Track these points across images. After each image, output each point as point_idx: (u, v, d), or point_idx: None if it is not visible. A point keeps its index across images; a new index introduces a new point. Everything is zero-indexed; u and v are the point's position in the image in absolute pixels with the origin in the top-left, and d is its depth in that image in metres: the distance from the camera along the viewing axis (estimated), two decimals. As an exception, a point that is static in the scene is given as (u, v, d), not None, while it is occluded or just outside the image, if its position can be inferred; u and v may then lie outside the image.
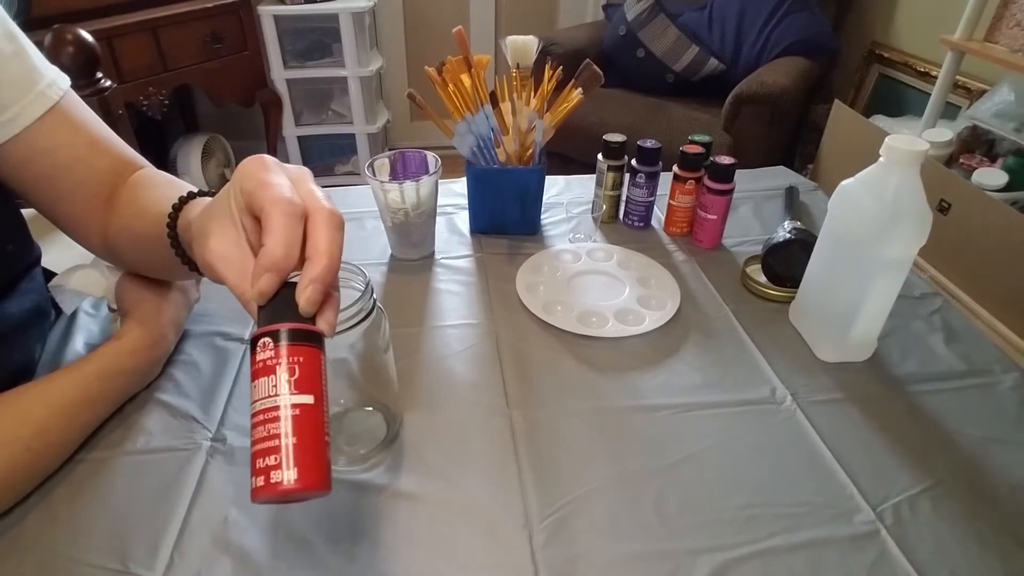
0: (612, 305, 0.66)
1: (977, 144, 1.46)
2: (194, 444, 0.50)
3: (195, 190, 0.48)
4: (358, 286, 0.44)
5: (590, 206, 0.84)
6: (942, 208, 1.14)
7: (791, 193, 0.85)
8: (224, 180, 2.31)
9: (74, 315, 0.62)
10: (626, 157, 0.78)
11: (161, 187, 0.52)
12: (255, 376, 0.31)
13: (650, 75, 2.01)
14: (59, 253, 1.01)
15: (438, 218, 0.76)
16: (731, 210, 0.75)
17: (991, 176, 1.33)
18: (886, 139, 0.50)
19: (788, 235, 0.67)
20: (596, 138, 0.80)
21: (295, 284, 0.33)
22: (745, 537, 0.43)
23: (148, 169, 0.56)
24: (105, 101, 1.04)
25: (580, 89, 0.73)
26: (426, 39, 2.53)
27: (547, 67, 0.75)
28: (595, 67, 0.73)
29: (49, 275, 0.68)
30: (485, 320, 0.65)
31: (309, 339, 0.32)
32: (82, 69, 1.02)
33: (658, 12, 1.99)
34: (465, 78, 0.70)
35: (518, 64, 0.72)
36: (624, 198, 0.81)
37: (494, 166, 0.75)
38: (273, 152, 2.40)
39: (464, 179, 0.78)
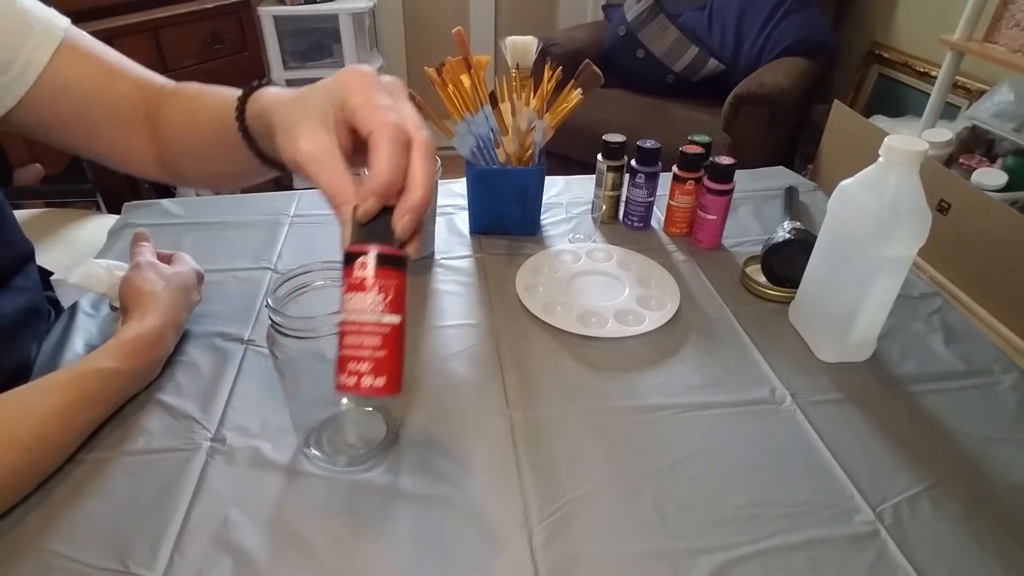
0: (612, 305, 0.66)
1: (977, 144, 1.46)
2: (194, 444, 0.50)
3: (255, 83, 0.48)
4: (358, 286, 0.44)
5: (590, 206, 0.84)
6: (942, 208, 1.14)
7: (791, 193, 0.85)
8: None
9: (73, 314, 0.62)
10: (626, 157, 0.79)
11: (210, 91, 0.54)
12: (350, 289, 0.35)
13: (650, 75, 2.01)
14: (60, 253, 1.01)
15: (438, 218, 0.77)
16: (731, 210, 0.75)
17: (991, 176, 1.33)
18: (885, 139, 0.50)
19: (788, 235, 0.67)
20: (596, 138, 0.80)
21: (389, 207, 0.36)
22: (745, 537, 0.44)
23: (183, 84, 0.57)
24: (105, 102, 1.03)
25: (580, 89, 0.73)
26: (426, 39, 2.53)
27: (547, 67, 0.75)
28: (594, 67, 0.73)
29: (47, 275, 0.68)
30: (485, 320, 0.65)
31: (400, 264, 0.35)
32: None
33: (658, 12, 1.99)
34: (465, 79, 0.70)
35: (518, 64, 0.72)
36: (624, 198, 0.81)
37: (494, 166, 0.75)
38: (273, 152, 2.39)
39: (464, 179, 0.78)
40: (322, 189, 0.36)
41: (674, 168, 0.76)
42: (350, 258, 0.35)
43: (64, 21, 0.52)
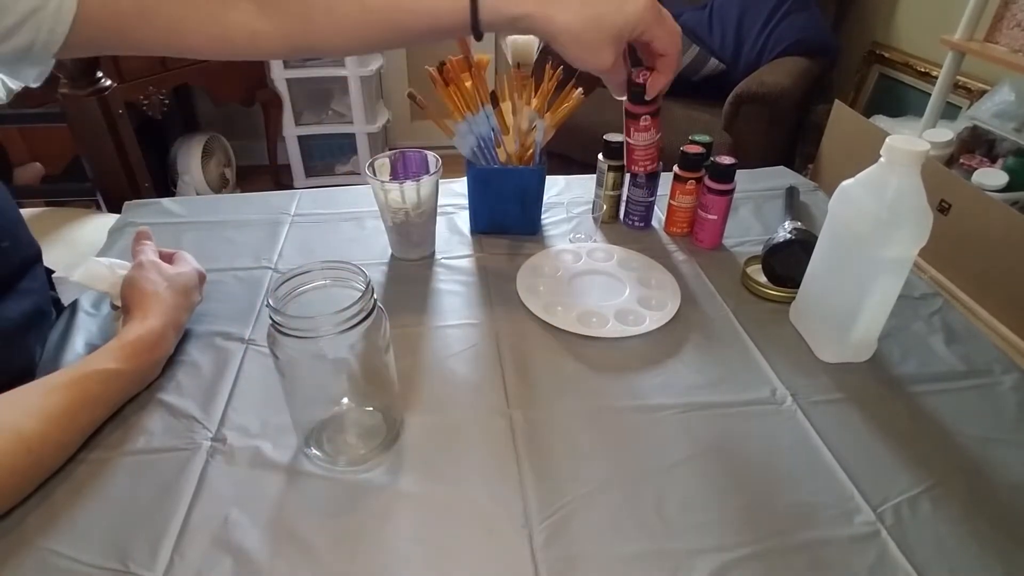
0: (612, 305, 0.66)
1: (977, 144, 1.46)
2: (194, 444, 0.50)
3: None
4: (358, 286, 0.44)
5: (590, 206, 0.84)
6: (942, 208, 1.14)
7: (791, 193, 0.85)
8: (224, 180, 2.31)
9: (73, 313, 0.62)
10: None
11: None
12: (642, 130, 0.64)
13: (650, 75, 2.00)
14: (60, 252, 1.01)
15: (438, 218, 0.76)
16: (731, 210, 0.75)
17: (991, 176, 1.33)
18: (886, 139, 0.50)
19: (788, 235, 0.67)
20: (596, 138, 0.80)
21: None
22: (745, 537, 0.43)
23: None
24: (105, 101, 1.04)
25: (580, 89, 0.73)
26: (426, 39, 2.53)
27: (548, 67, 0.75)
28: (595, 67, 0.73)
29: (48, 273, 0.68)
30: (485, 320, 0.65)
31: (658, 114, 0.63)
32: (83, 69, 1.02)
33: (658, 12, 1.99)
34: (465, 78, 0.70)
35: (519, 64, 0.72)
36: (624, 198, 0.81)
37: (494, 166, 0.75)
38: (273, 153, 2.40)
39: (464, 179, 0.78)
40: (610, 84, 0.59)
41: (675, 168, 0.76)
42: (632, 114, 0.63)
43: None
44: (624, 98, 0.61)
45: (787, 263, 0.66)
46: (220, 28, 0.51)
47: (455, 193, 0.88)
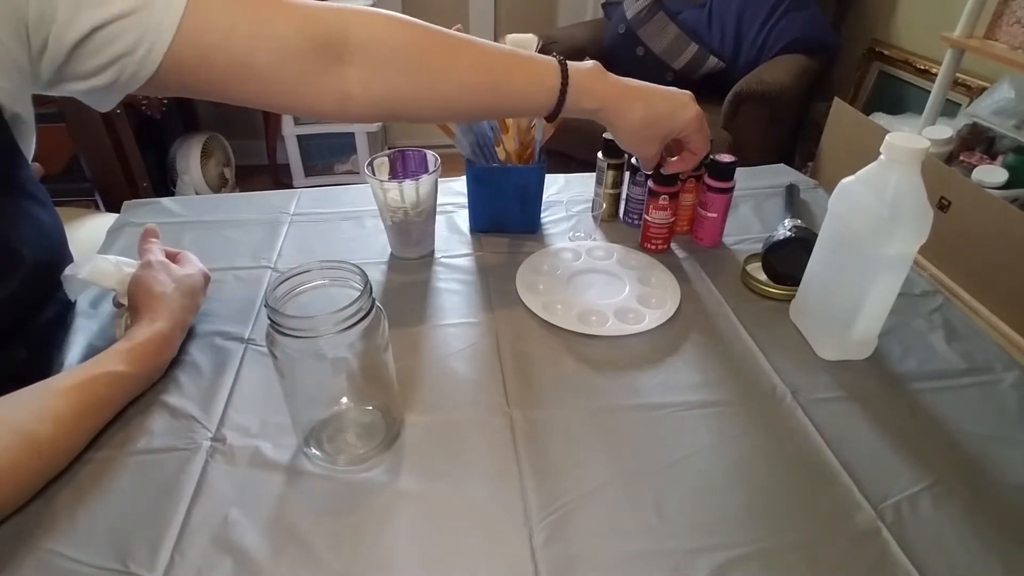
0: (612, 303, 0.66)
1: (977, 141, 1.45)
2: (194, 444, 0.50)
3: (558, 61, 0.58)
4: (357, 285, 0.44)
5: (590, 204, 0.84)
6: (942, 206, 1.14)
7: (791, 191, 0.85)
8: (224, 179, 2.31)
9: (73, 313, 0.62)
10: (626, 155, 0.78)
11: (480, 63, 0.56)
12: (660, 208, 0.72)
13: (650, 73, 2.00)
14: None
15: (438, 217, 0.76)
16: (731, 208, 0.75)
17: (991, 173, 1.33)
18: (886, 137, 0.50)
19: (788, 233, 0.67)
20: (596, 136, 0.79)
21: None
22: (745, 536, 0.43)
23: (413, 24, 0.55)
24: (104, 100, 1.03)
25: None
26: (425, 37, 2.53)
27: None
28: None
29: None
30: (485, 319, 0.65)
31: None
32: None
33: (658, 10, 1.99)
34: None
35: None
36: (624, 196, 0.81)
37: (494, 165, 0.75)
38: (272, 152, 2.40)
39: (464, 178, 0.78)
40: (643, 164, 0.68)
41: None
42: (654, 193, 0.71)
43: None
44: (649, 174, 0.70)
45: (787, 261, 0.66)
46: (313, 89, 0.52)
47: (454, 192, 0.87)
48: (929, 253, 1.19)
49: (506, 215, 0.78)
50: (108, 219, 0.88)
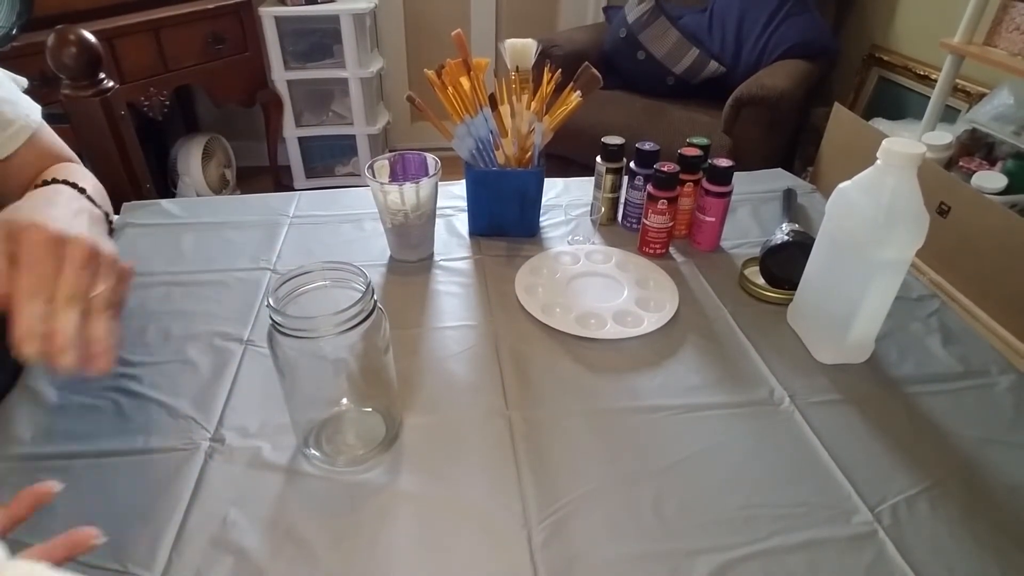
0: (611, 307, 0.66)
1: (976, 147, 1.46)
2: (193, 444, 0.50)
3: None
4: (358, 287, 0.45)
5: (589, 208, 0.84)
6: (941, 211, 1.14)
7: (789, 195, 0.85)
8: (225, 181, 2.31)
9: None
10: (624, 159, 0.79)
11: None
12: (659, 213, 0.72)
13: (650, 77, 2.01)
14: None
15: (437, 220, 0.77)
16: (729, 212, 0.75)
17: (990, 179, 1.33)
18: (883, 142, 0.50)
19: (786, 237, 0.67)
20: (595, 140, 0.80)
21: None
22: (743, 538, 0.44)
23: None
24: (107, 102, 1.04)
25: (579, 92, 0.74)
26: (427, 41, 2.54)
27: (546, 70, 0.75)
28: (593, 70, 0.73)
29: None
30: (484, 322, 0.65)
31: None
32: (84, 69, 1.02)
33: (659, 14, 1.99)
34: (464, 81, 0.71)
35: (517, 67, 0.73)
36: (623, 200, 0.81)
37: (493, 168, 0.76)
38: (273, 154, 2.40)
39: (463, 181, 0.78)
40: None
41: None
42: (653, 197, 0.70)
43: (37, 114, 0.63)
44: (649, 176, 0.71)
45: (785, 265, 0.67)
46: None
47: (454, 195, 0.88)
48: (929, 258, 1.19)
49: (505, 218, 0.78)
50: (109, 220, 0.88)
